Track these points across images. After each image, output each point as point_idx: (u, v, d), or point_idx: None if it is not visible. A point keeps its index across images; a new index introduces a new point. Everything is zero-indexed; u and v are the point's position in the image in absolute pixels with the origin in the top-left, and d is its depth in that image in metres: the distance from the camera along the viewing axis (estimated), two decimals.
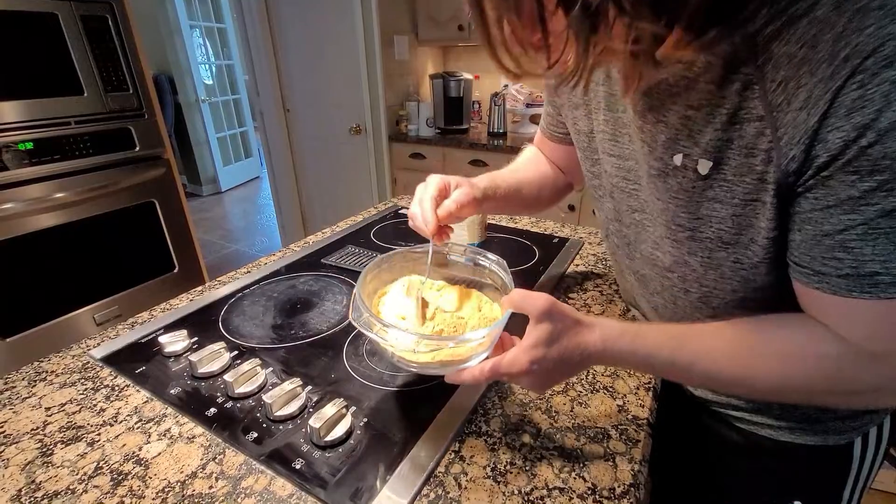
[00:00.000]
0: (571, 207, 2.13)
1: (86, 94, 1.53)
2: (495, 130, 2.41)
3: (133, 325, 0.74)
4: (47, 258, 1.57)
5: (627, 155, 0.51)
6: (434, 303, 0.53)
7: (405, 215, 1.21)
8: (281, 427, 0.53)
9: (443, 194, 0.57)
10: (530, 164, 0.77)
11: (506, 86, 2.59)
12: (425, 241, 0.56)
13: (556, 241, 1.04)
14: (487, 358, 0.45)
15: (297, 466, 0.48)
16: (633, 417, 0.55)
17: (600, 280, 0.87)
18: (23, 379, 0.62)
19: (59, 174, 1.54)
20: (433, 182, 0.58)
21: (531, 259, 0.95)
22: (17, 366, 0.64)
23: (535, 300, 0.43)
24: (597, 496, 0.45)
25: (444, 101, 2.43)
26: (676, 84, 0.41)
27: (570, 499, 0.45)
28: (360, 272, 0.47)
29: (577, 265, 0.93)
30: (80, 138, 1.54)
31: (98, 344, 0.69)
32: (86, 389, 0.60)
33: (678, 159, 0.42)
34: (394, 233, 1.10)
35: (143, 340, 0.70)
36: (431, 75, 2.46)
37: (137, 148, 1.70)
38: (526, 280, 0.86)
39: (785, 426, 0.55)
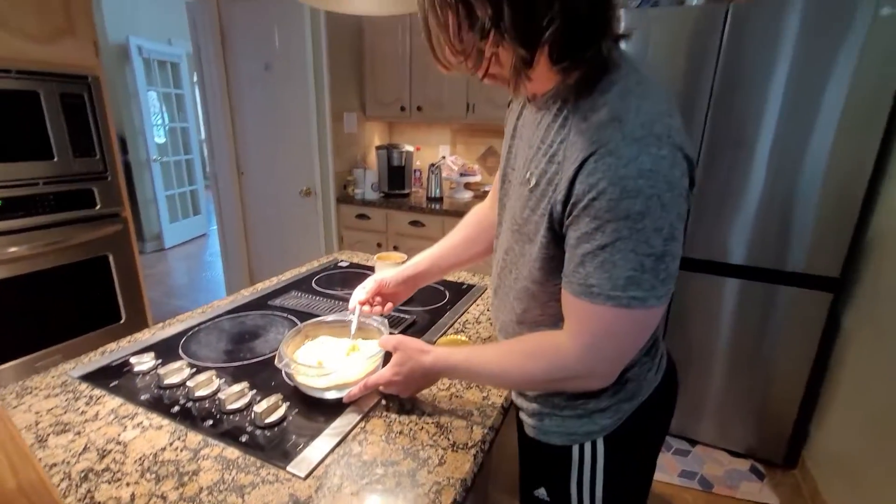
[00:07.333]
0: None
1: (56, 159, 1.69)
2: (433, 195, 2.74)
3: (103, 353, 0.90)
4: None
5: (509, 168, 0.71)
6: (336, 357, 0.83)
7: (344, 267, 1.44)
8: (231, 417, 0.71)
9: (380, 290, 0.90)
10: (465, 226, 0.94)
11: (443, 157, 2.96)
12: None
13: (464, 286, 1.29)
14: None
15: (243, 440, 0.66)
16: (493, 403, 0.78)
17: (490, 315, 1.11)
18: (10, 393, 0.76)
19: (19, 229, 1.65)
20: (370, 283, 0.90)
21: (441, 300, 1.19)
22: None
23: (390, 339, 0.73)
24: (454, 447, 0.67)
25: (388, 168, 2.75)
26: (542, 118, 0.60)
27: (437, 450, 0.66)
28: (302, 312, 0.66)
29: (478, 305, 1.18)
30: (46, 197, 1.68)
31: (73, 367, 0.84)
32: (68, 399, 0.75)
33: (532, 173, 0.60)
34: (332, 281, 1.32)
35: (114, 363, 0.85)
36: (377, 146, 2.78)
37: (98, 206, 1.84)
38: (434, 317, 1.09)
39: (533, 426, 0.72)
